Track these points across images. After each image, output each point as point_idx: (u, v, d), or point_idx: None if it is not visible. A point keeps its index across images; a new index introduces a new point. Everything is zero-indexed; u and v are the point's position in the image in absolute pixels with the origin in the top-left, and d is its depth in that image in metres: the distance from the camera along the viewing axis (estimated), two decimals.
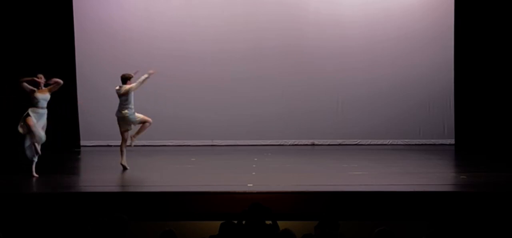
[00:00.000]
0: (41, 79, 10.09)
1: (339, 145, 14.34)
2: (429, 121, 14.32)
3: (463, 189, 9.14)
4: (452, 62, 14.01)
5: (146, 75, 10.64)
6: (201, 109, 14.31)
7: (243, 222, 6.85)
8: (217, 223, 6.63)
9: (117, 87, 10.67)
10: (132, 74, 10.71)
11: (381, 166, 11.20)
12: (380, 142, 14.37)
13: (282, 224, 6.77)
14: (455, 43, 13.92)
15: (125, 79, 10.61)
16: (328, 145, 14.35)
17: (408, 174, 10.49)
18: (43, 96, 10.05)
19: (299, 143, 14.47)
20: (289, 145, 14.44)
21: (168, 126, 14.23)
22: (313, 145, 14.43)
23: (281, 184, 9.18)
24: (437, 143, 14.23)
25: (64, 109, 13.88)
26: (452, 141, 14.15)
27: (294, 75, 14.28)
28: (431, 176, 10.04)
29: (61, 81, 10.24)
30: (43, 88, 10.09)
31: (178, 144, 14.26)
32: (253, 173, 10.44)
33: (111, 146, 13.86)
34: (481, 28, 13.62)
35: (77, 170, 11.77)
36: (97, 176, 10.44)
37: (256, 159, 12.00)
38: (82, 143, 14.23)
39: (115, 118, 10.73)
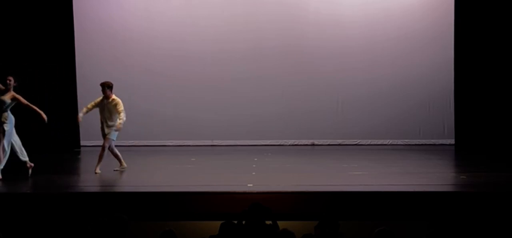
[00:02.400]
0: (10, 81, 9.68)
1: (339, 145, 14.34)
2: (429, 121, 14.32)
3: (463, 189, 9.13)
4: (452, 62, 14.01)
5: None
6: (201, 109, 14.31)
7: (243, 222, 6.84)
8: (217, 223, 6.63)
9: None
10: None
11: (381, 166, 11.20)
12: (380, 142, 14.37)
13: (282, 224, 6.77)
14: (455, 43, 13.92)
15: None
16: (328, 145, 14.35)
17: (408, 174, 10.49)
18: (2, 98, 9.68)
19: (299, 143, 14.46)
20: (289, 145, 14.44)
21: (168, 126, 14.23)
22: (313, 145, 14.43)
23: (281, 184, 9.18)
24: (437, 143, 14.23)
25: (64, 110, 13.89)
26: (452, 141, 14.15)
27: (294, 75, 14.28)
28: (431, 176, 10.03)
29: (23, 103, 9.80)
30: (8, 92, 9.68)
31: (178, 144, 14.26)
32: (253, 173, 10.44)
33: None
34: (481, 28, 13.62)
35: (77, 170, 11.77)
36: (97, 176, 10.43)
37: (256, 159, 12.00)
38: (82, 143, 14.22)
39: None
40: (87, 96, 14.15)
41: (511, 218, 7.89)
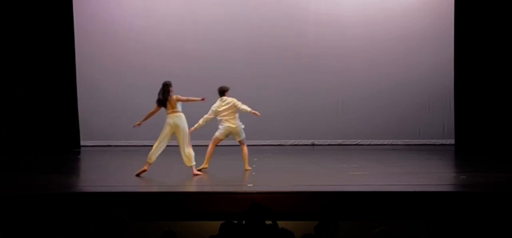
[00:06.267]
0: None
1: (339, 145, 14.35)
2: (429, 121, 14.33)
3: (463, 189, 9.13)
4: (452, 62, 14.02)
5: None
6: (201, 109, 14.28)
7: (243, 222, 6.84)
8: (217, 223, 6.63)
9: (219, 105, 10.84)
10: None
11: (381, 166, 11.20)
12: (380, 142, 14.38)
13: (282, 224, 6.77)
14: (455, 43, 13.93)
15: (224, 91, 10.74)
16: (328, 145, 14.36)
17: (408, 174, 10.49)
18: None
19: (299, 143, 14.47)
20: (289, 145, 14.44)
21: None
22: (313, 145, 14.43)
23: (281, 184, 9.18)
24: (437, 143, 14.24)
25: (64, 109, 13.90)
26: (452, 141, 14.16)
27: (294, 75, 14.29)
28: (431, 176, 10.03)
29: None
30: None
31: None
32: (253, 173, 10.44)
33: (111, 146, 13.90)
34: (481, 28, 13.63)
35: (77, 170, 11.77)
36: (97, 176, 10.44)
37: (256, 159, 11.99)
38: (82, 143, 14.23)
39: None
40: (87, 96, 14.21)
41: (511, 218, 7.90)
